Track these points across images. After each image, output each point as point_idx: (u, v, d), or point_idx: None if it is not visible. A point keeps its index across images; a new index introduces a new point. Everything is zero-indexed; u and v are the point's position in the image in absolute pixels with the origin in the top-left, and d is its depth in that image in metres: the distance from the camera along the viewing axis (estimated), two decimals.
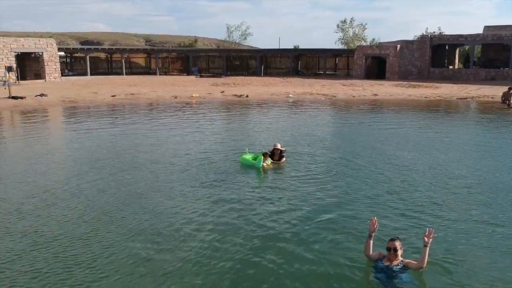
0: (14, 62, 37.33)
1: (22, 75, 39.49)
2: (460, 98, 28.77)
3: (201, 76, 48.38)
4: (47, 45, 39.98)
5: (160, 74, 50.77)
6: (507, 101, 25.04)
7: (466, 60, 50.33)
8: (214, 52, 60.38)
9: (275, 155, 11.76)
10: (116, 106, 25.78)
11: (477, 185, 9.69)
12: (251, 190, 9.39)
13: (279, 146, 11.86)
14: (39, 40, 40.53)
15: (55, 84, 36.54)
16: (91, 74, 47.69)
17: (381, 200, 8.64)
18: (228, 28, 61.72)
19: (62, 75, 42.68)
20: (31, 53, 40.36)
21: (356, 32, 56.93)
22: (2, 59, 36.15)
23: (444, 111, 24.51)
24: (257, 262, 6.10)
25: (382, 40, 54.50)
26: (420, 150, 13.21)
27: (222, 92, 31.84)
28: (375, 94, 30.77)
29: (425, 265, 5.51)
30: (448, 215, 7.84)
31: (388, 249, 5.63)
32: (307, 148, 13.58)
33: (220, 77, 47.46)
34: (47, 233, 7.13)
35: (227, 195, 8.93)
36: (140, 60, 56.44)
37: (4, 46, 36.52)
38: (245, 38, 61.57)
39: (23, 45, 38.48)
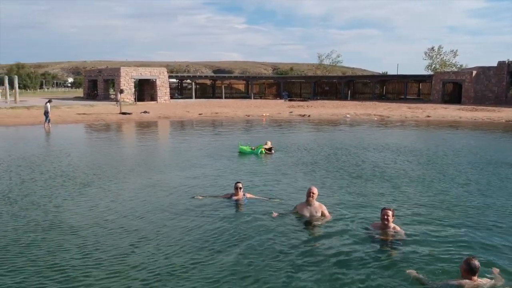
0: (133, 87, 46.60)
1: (141, 98, 48.88)
2: (509, 121, 30.19)
3: (289, 100, 53.68)
4: (159, 73, 48.94)
5: (254, 98, 57.45)
6: None
7: None
8: (303, 79, 65.60)
9: (266, 149, 16.81)
10: (197, 120, 32.23)
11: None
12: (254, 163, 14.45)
13: (269, 144, 16.92)
14: (154, 69, 49.81)
15: (162, 105, 44.74)
16: (197, 98, 56.10)
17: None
18: (319, 56, 67.28)
19: (172, 98, 51.41)
20: (148, 79, 49.57)
21: (444, 59, 58.28)
22: (124, 84, 45.59)
23: (470, 129, 26.36)
24: None
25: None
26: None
27: (291, 112, 36.94)
28: (428, 116, 33.34)
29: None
30: None
31: (237, 188, 10.08)
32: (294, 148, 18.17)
33: (307, 101, 52.38)
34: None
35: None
36: (240, 86, 63.97)
37: (126, 74, 46.06)
38: (335, 65, 66.37)
39: (140, 73, 47.90)
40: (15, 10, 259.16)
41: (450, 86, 49.78)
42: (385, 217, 7.47)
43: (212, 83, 62.84)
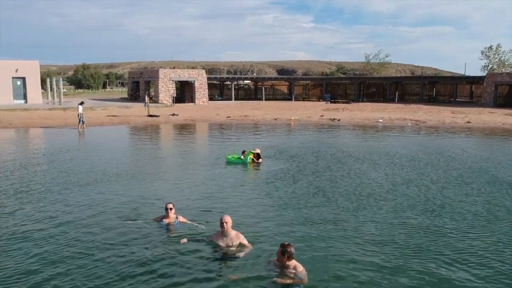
0: (172, 88, 46.92)
1: (182, 99, 49.32)
2: None
3: (332, 102, 51.82)
4: (198, 75, 49.11)
5: (296, 100, 56.22)
6: None
7: None
8: (347, 80, 63.30)
9: (255, 156, 16.05)
10: (221, 123, 31.71)
11: None
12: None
13: (258, 151, 16.12)
14: (192, 71, 50.07)
15: (198, 107, 44.78)
16: (238, 99, 55.80)
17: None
18: (366, 57, 64.92)
19: (212, 100, 51.38)
20: (189, 81, 49.83)
21: (503, 59, 54.02)
22: (162, 86, 46.16)
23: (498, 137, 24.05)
24: None
25: None
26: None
27: (322, 116, 35.57)
28: (469, 122, 30.82)
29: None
30: None
31: (167, 209, 9.15)
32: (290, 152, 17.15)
33: (350, 103, 50.40)
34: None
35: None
36: (283, 87, 62.86)
37: (165, 76, 46.60)
38: (382, 65, 63.67)
39: (179, 75, 48.30)
40: (92, 13, 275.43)
41: (506, 89, 46.03)
42: (281, 255, 6.48)
43: (254, 84, 62.28)
